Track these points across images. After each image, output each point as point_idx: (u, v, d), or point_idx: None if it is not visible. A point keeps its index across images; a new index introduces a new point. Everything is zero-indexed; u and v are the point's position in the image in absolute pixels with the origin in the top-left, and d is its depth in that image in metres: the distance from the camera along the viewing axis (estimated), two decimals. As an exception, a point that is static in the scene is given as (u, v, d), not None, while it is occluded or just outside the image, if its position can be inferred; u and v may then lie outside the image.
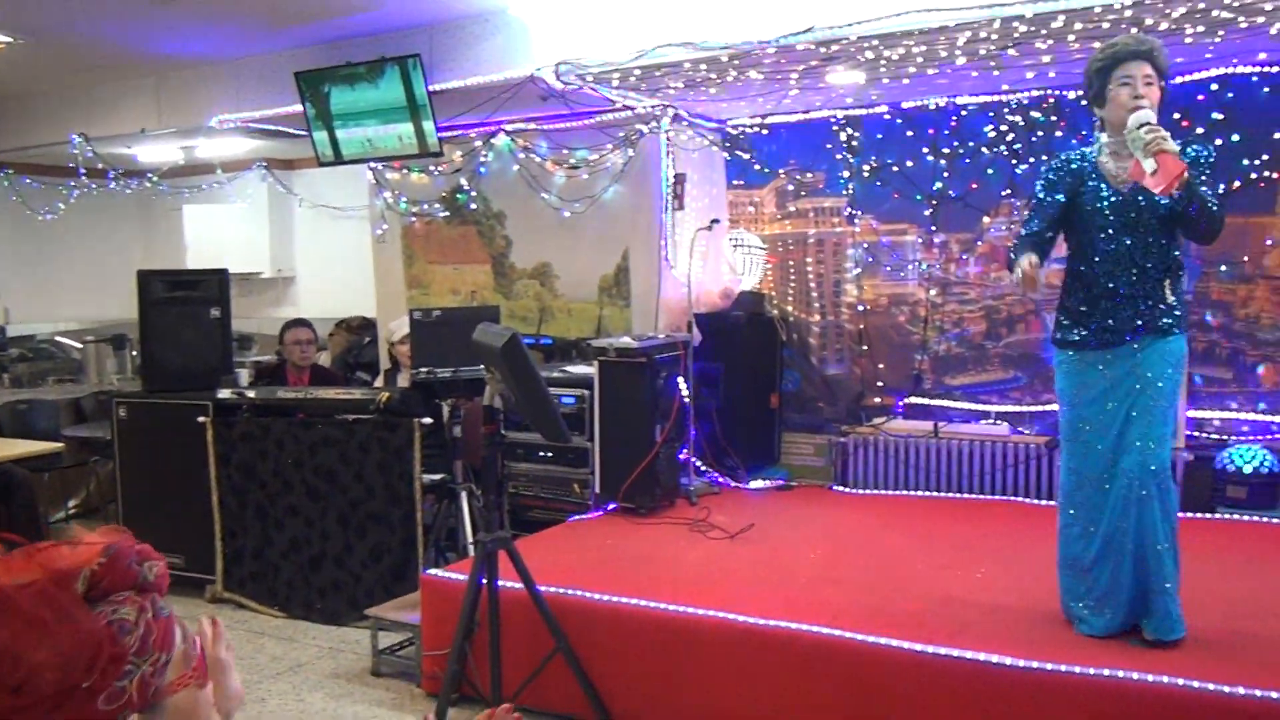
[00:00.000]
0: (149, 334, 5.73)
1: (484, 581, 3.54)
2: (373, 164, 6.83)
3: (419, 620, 4.24)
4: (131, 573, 1.18)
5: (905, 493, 5.77)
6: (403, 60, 5.55)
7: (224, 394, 5.46)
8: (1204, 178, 3.24)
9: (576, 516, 5.27)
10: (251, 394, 5.54)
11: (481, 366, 3.78)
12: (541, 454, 5.64)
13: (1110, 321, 3.34)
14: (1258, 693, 2.89)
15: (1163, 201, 3.26)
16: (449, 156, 6.60)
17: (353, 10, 5.36)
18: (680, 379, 5.49)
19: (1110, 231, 3.32)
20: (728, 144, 6.53)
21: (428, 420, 4.99)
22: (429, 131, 5.75)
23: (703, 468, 5.94)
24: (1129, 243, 3.31)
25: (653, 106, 5.91)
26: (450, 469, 5.03)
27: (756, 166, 6.48)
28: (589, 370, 5.47)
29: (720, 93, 5.61)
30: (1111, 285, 3.33)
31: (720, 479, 5.93)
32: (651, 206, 6.16)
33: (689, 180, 6.22)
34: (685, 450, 5.61)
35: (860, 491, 5.82)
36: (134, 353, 7.65)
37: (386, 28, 5.64)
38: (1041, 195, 3.45)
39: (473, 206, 6.87)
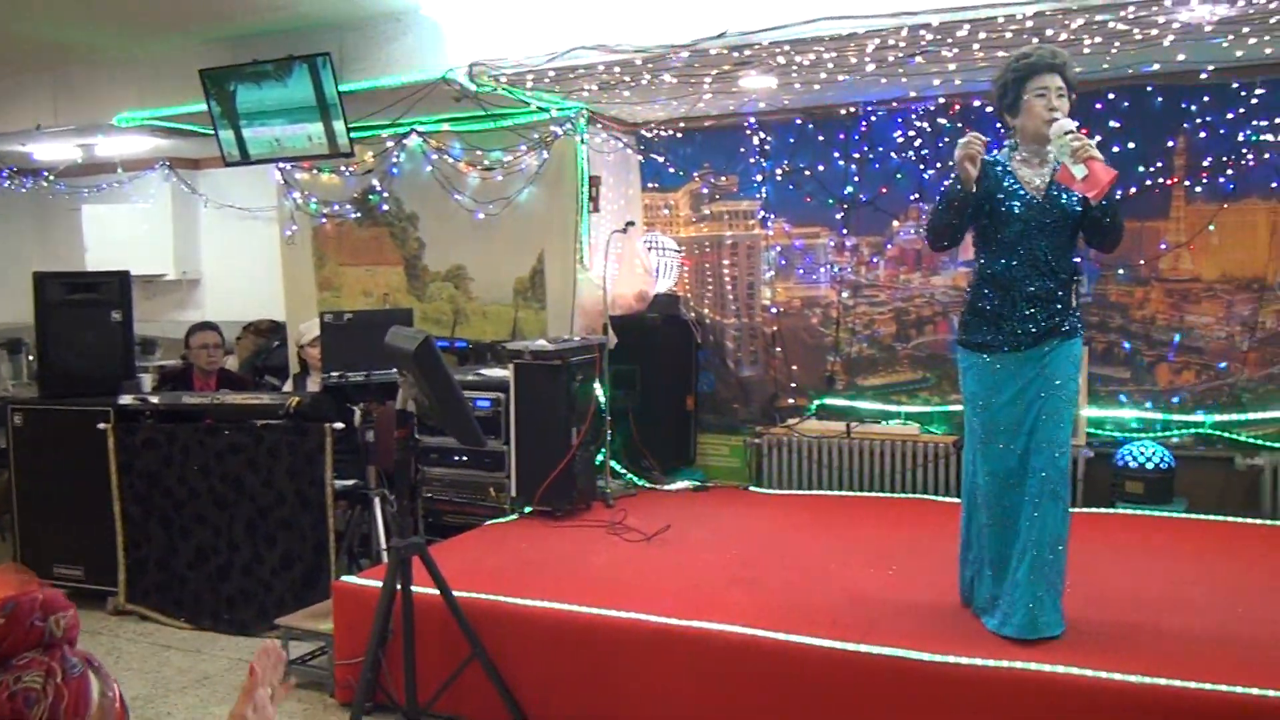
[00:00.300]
0: (47, 338, 5.55)
1: (398, 588, 3.49)
2: (281, 164, 6.70)
3: (331, 629, 4.17)
4: (35, 631, 1.05)
5: (819, 492, 5.86)
6: (312, 59, 5.45)
7: (126, 400, 5.32)
8: None
9: (492, 521, 5.23)
10: (155, 400, 5.39)
11: (394, 370, 3.73)
12: (456, 458, 5.59)
13: (1025, 325, 3.43)
14: (1160, 681, 2.99)
15: (1073, 209, 3.37)
16: (360, 157, 6.51)
17: (260, 7, 5.25)
18: (596, 381, 5.49)
19: (1026, 236, 3.41)
20: (642, 147, 6.55)
21: (339, 425, 4.91)
22: (339, 131, 5.66)
23: (619, 470, 5.95)
24: (1044, 247, 3.41)
25: (567, 109, 5.90)
26: (363, 474, 4.96)
27: (671, 169, 6.52)
28: (504, 373, 5.44)
29: (634, 96, 5.62)
30: (1030, 289, 3.42)
31: (637, 481, 5.95)
32: (566, 209, 6.15)
33: (604, 183, 6.22)
34: (602, 453, 5.61)
35: (775, 491, 5.89)
36: (30, 358, 7.38)
37: (295, 26, 5.53)
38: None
39: (385, 208, 6.78)
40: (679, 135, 6.43)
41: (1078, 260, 3.53)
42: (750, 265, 6.40)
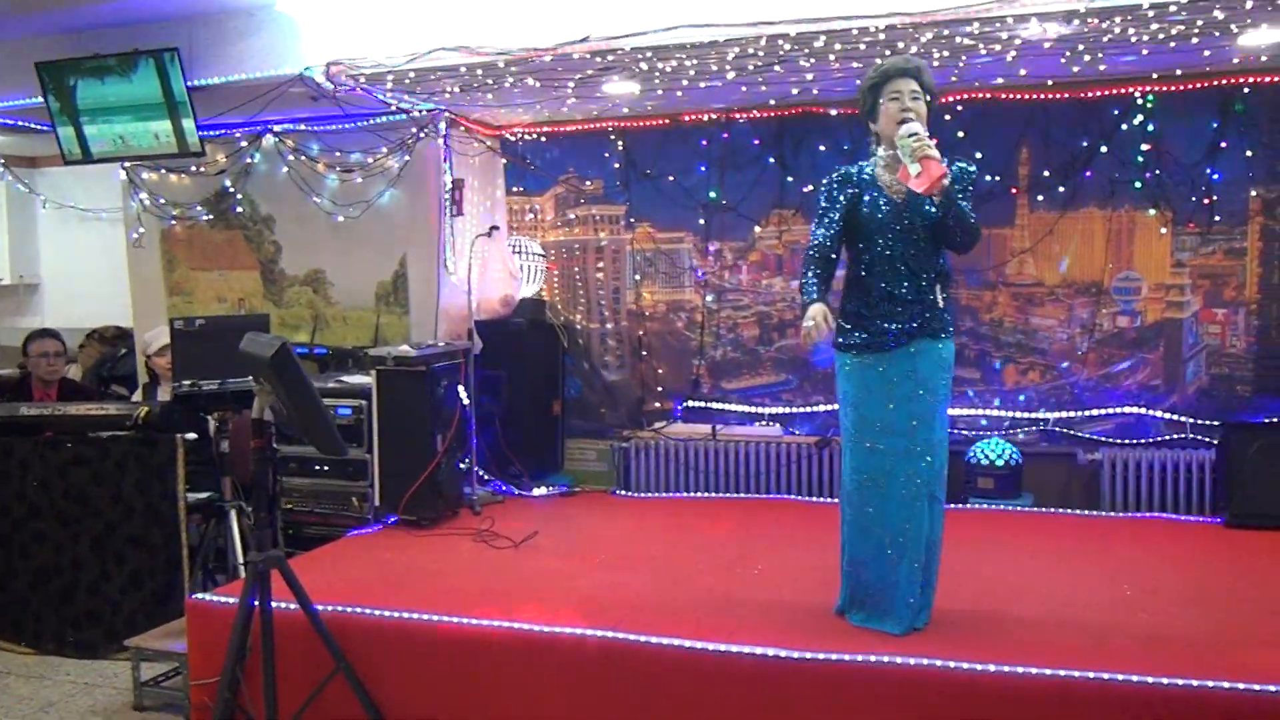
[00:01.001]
0: None
1: (256, 603, 3.38)
2: (126, 163, 6.42)
3: (186, 648, 4.01)
4: None
5: (686, 495, 5.92)
6: (158, 53, 5.24)
7: (-44, 412, 5.02)
8: (965, 191, 3.50)
9: (355, 531, 5.13)
10: (-11, 412, 5.10)
11: (250, 378, 3.61)
12: (317, 467, 5.44)
13: (888, 325, 3.52)
14: (1019, 669, 3.12)
15: (931, 211, 3.48)
16: (212, 157, 6.28)
17: (102, -3, 5.02)
18: (461, 387, 5.43)
19: (886, 240, 3.51)
20: (507, 150, 6.50)
21: (192, 435, 4.74)
22: (189, 130, 5.46)
23: (486, 477, 5.89)
24: (903, 250, 3.51)
25: (428, 110, 5.82)
26: (218, 486, 4.80)
27: (536, 173, 6.48)
28: (366, 380, 5.34)
29: (496, 99, 5.58)
30: (890, 290, 3.52)
31: (504, 487, 5.90)
32: (429, 212, 6.07)
33: (468, 186, 6.16)
34: (467, 459, 5.55)
35: (642, 495, 5.93)
36: None
37: (140, 18, 5.30)
38: (824, 207, 3.61)
39: (239, 210, 6.56)
40: (543, 139, 6.41)
41: (944, 262, 3.64)
42: (615, 269, 6.42)
